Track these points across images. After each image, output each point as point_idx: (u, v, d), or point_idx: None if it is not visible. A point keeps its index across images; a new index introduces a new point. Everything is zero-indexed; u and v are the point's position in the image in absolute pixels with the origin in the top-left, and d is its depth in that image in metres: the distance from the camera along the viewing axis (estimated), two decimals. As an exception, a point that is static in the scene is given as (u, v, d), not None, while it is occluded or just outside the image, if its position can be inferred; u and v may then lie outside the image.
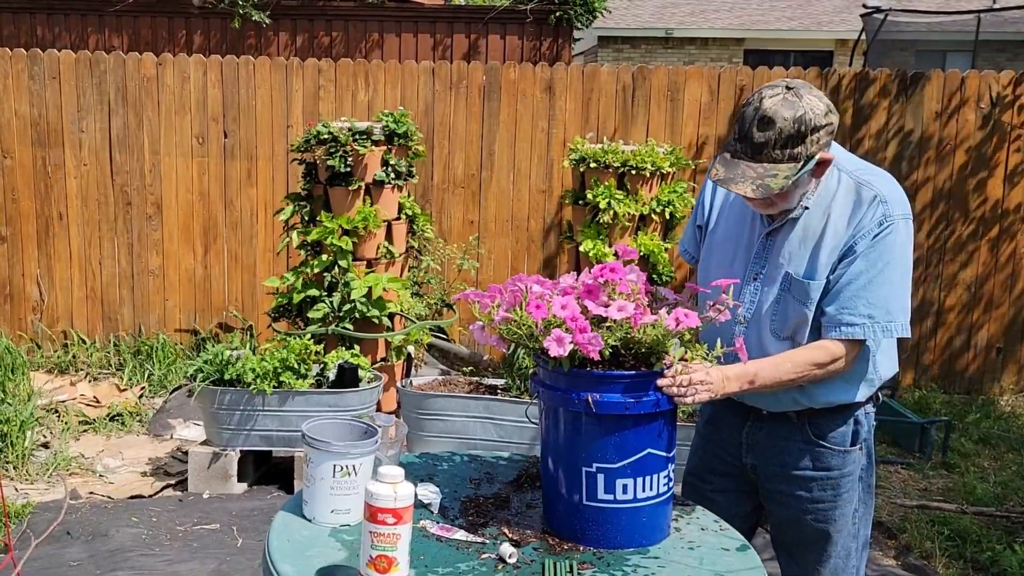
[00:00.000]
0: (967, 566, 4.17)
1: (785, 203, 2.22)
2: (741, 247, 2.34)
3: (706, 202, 2.46)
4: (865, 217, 2.18)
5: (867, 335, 2.19)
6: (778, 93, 2.10)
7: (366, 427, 2.10)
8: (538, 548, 1.99)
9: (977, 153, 6.49)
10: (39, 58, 6.52)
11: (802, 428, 2.35)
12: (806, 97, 2.10)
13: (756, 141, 2.09)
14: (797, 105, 2.08)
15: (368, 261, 5.18)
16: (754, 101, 2.11)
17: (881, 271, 2.18)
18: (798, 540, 2.43)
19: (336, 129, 5.02)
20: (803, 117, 2.07)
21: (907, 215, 2.22)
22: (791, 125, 2.07)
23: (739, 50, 17.24)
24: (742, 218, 2.36)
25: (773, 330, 2.27)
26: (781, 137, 2.07)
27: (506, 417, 4.48)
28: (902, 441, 5.61)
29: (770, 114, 2.07)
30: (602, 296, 2.02)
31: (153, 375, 6.28)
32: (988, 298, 6.61)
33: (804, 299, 2.23)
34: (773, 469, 2.40)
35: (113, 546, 4.02)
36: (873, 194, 2.19)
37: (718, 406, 2.41)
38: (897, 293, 2.20)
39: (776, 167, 2.09)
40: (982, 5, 12.43)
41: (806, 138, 2.08)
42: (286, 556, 1.88)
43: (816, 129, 2.09)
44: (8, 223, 6.61)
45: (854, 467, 2.37)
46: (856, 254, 2.18)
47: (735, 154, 2.13)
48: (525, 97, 6.55)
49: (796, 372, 2.20)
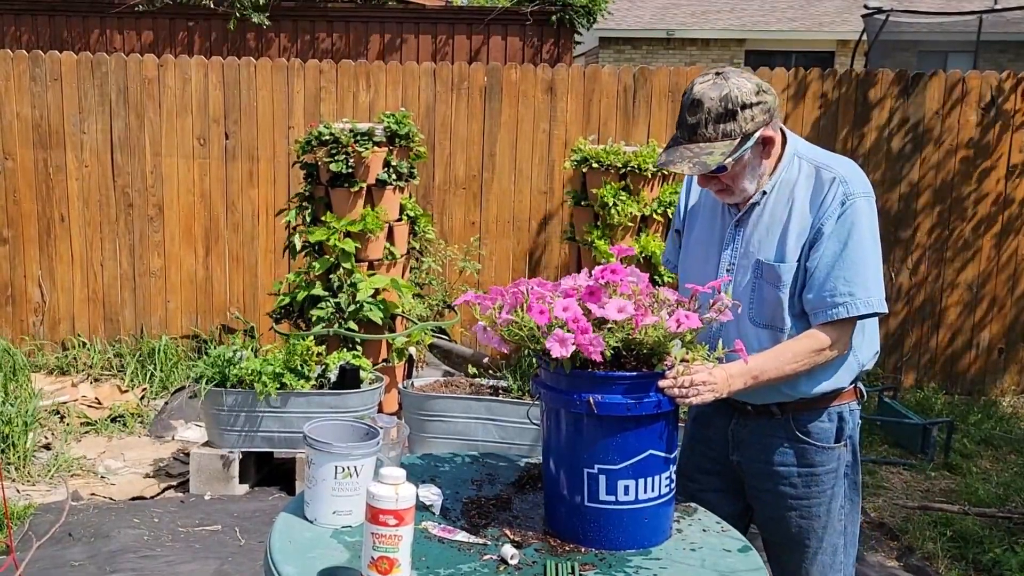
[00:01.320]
0: (969, 567, 4.17)
1: (740, 184, 2.29)
2: (714, 242, 2.41)
3: (681, 208, 2.56)
4: (827, 198, 2.25)
5: (853, 312, 2.23)
6: (707, 79, 2.23)
7: (368, 428, 2.10)
8: (540, 549, 1.99)
9: (978, 154, 6.49)
10: (41, 59, 6.52)
11: (786, 424, 2.37)
12: (732, 79, 2.22)
13: (689, 123, 2.21)
14: (723, 86, 2.20)
15: (370, 262, 5.18)
16: (688, 90, 2.25)
17: (852, 249, 2.23)
18: (784, 538, 2.44)
19: (338, 130, 5.02)
20: (728, 95, 2.19)
21: (868, 193, 2.28)
22: (718, 104, 2.19)
23: (740, 51, 17.23)
24: (712, 216, 2.44)
25: (751, 317, 2.32)
26: (711, 116, 2.19)
27: (508, 418, 4.48)
28: (904, 442, 5.60)
29: (698, 96, 2.20)
30: (603, 298, 2.03)
31: (155, 376, 6.29)
32: (990, 299, 6.60)
33: (776, 282, 2.28)
34: (758, 466, 2.41)
35: (115, 547, 4.03)
36: (832, 176, 2.27)
37: (705, 405, 2.42)
38: (870, 268, 2.25)
39: (711, 145, 2.20)
40: (984, 6, 12.43)
41: (736, 115, 2.19)
42: (288, 557, 1.88)
43: (746, 107, 2.19)
44: (10, 225, 6.61)
45: (839, 464, 2.39)
46: (824, 235, 2.24)
47: (675, 140, 2.26)
48: (526, 98, 6.55)
49: (797, 362, 2.23)
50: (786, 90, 6.46)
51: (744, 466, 2.44)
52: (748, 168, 2.27)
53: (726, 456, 2.46)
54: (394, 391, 5.12)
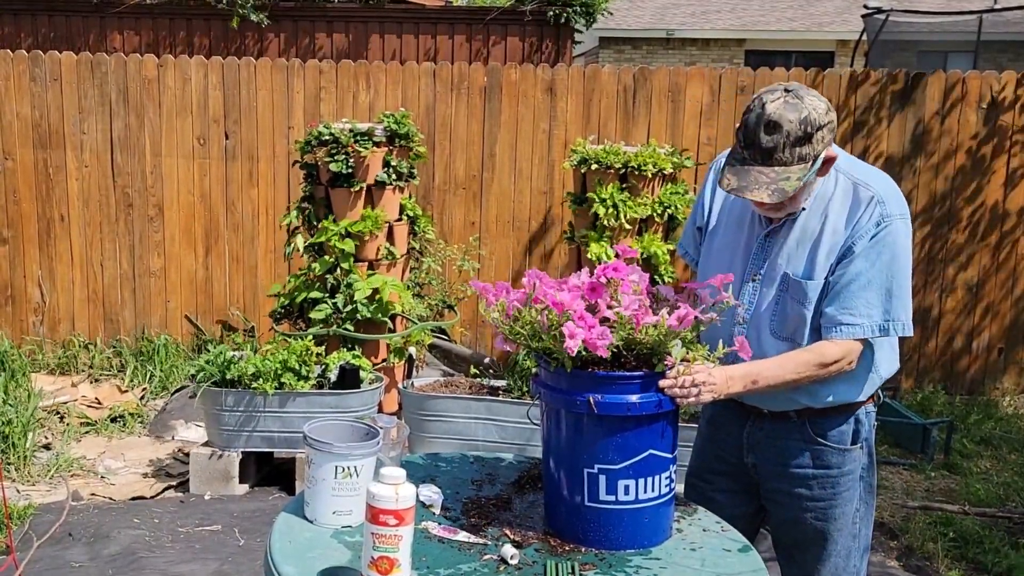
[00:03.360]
0: (969, 567, 4.17)
1: (798, 204, 2.24)
2: (740, 249, 2.35)
3: (706, 204, 2.47)
4: (863, 217, 2.20)
5: (867, 334, 2.21)
6: (778, 96, 2.11)
7: (368, 428, 2.10)
8: (540, 549, 1.99)
9: (977, 154, 6.49)
10: (40, 60, 6.52)
11: (802, 427, 2.35)
12: (807, 98, 2.12)
13: (765, 146, 2.10)
14: (800, 106, 2.10)
15: (370, 262, 5.18)
16: (755, 107, 2.12)
17: (880, 271, 2.19)
18: (798, 540, 2.43)
19: (337, 130, 5.02)
20: (808, 118, 2.09)
21: (904, 214, 2.23)
22: (797, 127, 2.09)
23: (740, 51, 17.23)
24: (740, 220, 2.37)
25: (772, 330, 2.28)
26: (789, 139, 2.09)
27: (508, 418, 4.48)
28: (904, 442, 5.60)
29: (775, 118, 2.09)
30: (605, 295, 2.03)
31: (154, 376, 6.28)
32: (989, 299, 6.60)
33: (802, 299, 2.24)
34: (773, 468, 2.40)
35: (115, 547, 4.03)
36: (870, 194, 2.21)
37: (719, 406, 2.41)
38: (897, 292, 2.21)
39: (787, 170, 2.10)
40: (983, 6, 12.42)
41: (812, 137, 2.10)
42: (288, 557, 1.88)
43: (820, 128, 2.10)
44: (10, 225, 6.61)
45: (855, 466, 2.37)
46: (855, 254, 2.19)
47: (744, 161, 2.14)
48: (526, 98, 6.55)
49: (799, 372, 2.21)
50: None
51: (759, 468, 2.43)
52: (808, 187, 2.21)
53: (740, 458, 2.45)
54: (394, 391, 5.12)
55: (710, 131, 6.53)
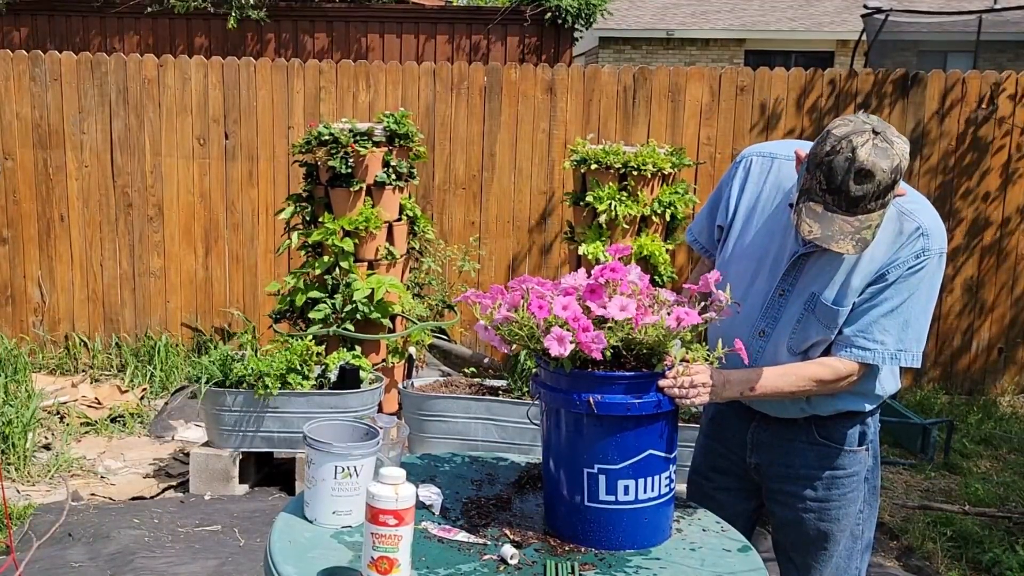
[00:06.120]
0: (969, 567, 4.17)
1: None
2: (767, 262, 2.28)
3: (731, 204, 2.36)
4: (904, 248, 2.15)
5: (876, 360, 2.20)
6: (867, 139, 1.97)
7: (367, 428, 2.10)
8: (539, 549, 1.99)
9: (977, 154, 6.49)
10: (40, 60, 6.52)
11: (808, 429, 2.35)
12: (896, 142, 1.99)
13: (854, 195, 1.98)
14: (890, 152, 1.97)
15: (369, 262, 5.18)
16: (844, 150, 1.97)
17: (905, 302, 2.17)
18: (801, 541, 2.43)
19: (337, 130, 5.02)
20: (899, 166, 1.98)
21: (943, 250, 2.19)
22: (889, 176, 1.97)
23: (740, 51, 17.23)
24: (771, 232, 2.28)
25: (789, 346, 2.27)
26: (879, 189, 1.98)
27: (508, 418, 4.48)
28: (904, 442, 5.61)
29: (868, 166, 1.95)
30: (604, 296, 2.02)
31: (154, 376, 6.29)
32: (988, 298, 6.60)
33: (830, 323, 2.20)
34: (778, 469, 2.40)
35: (115, 548, 4.03)
36: (916, 226, 2.15)
37: (723, 405, 2.41)
38: (915, 324, 2.20)
39: (869, 218, 2.01)
40: (983, 6, 12.42)
41: (897, 184, 2.02)
42: (288, 557, 1.88)
43: (903, 172, 2.02)
44: (9, 225, 6.61)
45: (860, 467, 2.37)
46: (887, 282, 2.16)
47: (827, 207, 2.02)
48: (526, 98, 6.55)
49: (797, 386, 2.22)
50: (786, 91, 6.47)
51: (763, 469, 2.42)
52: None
53: (742, 458, 2.45)
54: (394, 391, 5.12)
55: (710, 131, 6.53)
